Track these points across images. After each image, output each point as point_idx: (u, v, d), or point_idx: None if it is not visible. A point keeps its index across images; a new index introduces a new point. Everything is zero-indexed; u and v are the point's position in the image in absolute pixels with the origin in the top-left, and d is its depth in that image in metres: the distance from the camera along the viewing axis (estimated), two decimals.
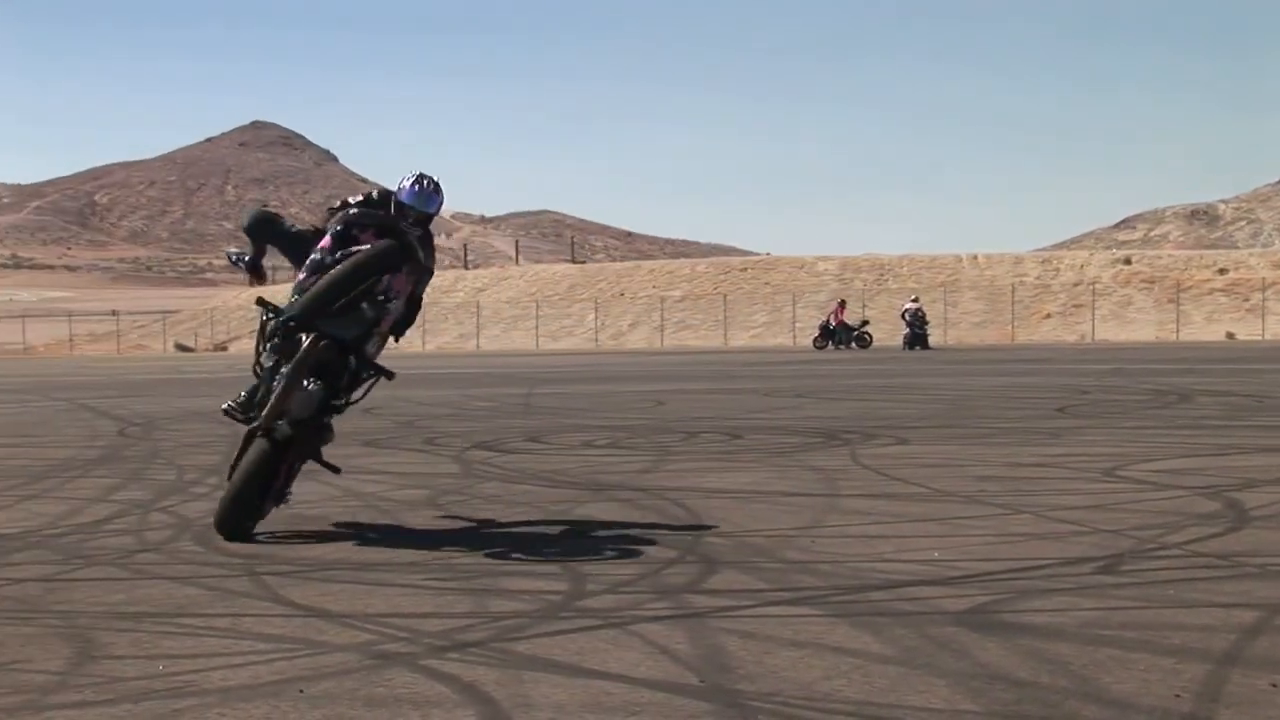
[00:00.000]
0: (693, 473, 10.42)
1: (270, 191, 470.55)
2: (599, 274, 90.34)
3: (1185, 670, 4.41)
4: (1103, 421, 14.80)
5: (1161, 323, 65.49)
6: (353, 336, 7.64)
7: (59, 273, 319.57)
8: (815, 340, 56.13)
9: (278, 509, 7.76)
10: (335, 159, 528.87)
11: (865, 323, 56.71)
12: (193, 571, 6.58)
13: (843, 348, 53.06)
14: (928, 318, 55.74)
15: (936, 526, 7.53)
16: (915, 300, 55.65)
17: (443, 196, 7.96)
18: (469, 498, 9.29)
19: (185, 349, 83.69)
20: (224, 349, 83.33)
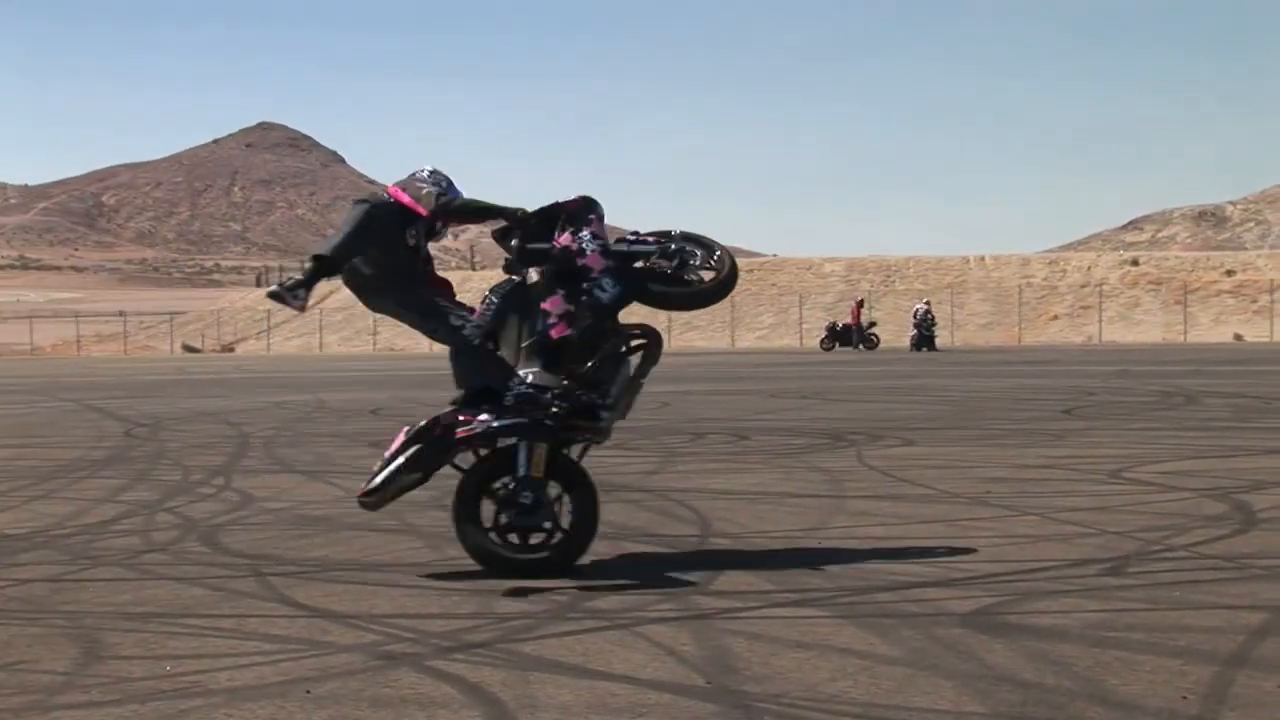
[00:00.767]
0: (699, 474, 10.42)
1: (277, 193, 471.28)
2: None
3: (1192, 672, 4.40)
4: (1109, 423, 14.78)
5: (1169, 324, 65.39)
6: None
7: (66, 274, 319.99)
8: (822, 341, 56.08)
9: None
10: (342, 160, 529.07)
11: (872, 324, 56.68)
12: (199, 572, 6.58)
13: (860, 348, 52.82)
14: (935, 319, 55.72)
15: (943, 528, 7.52)
16: (926, 302, 55.62)
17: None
18: None
19: (192, 350, 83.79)
20: (231, 350, 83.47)
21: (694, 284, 6.84)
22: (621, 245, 6.86)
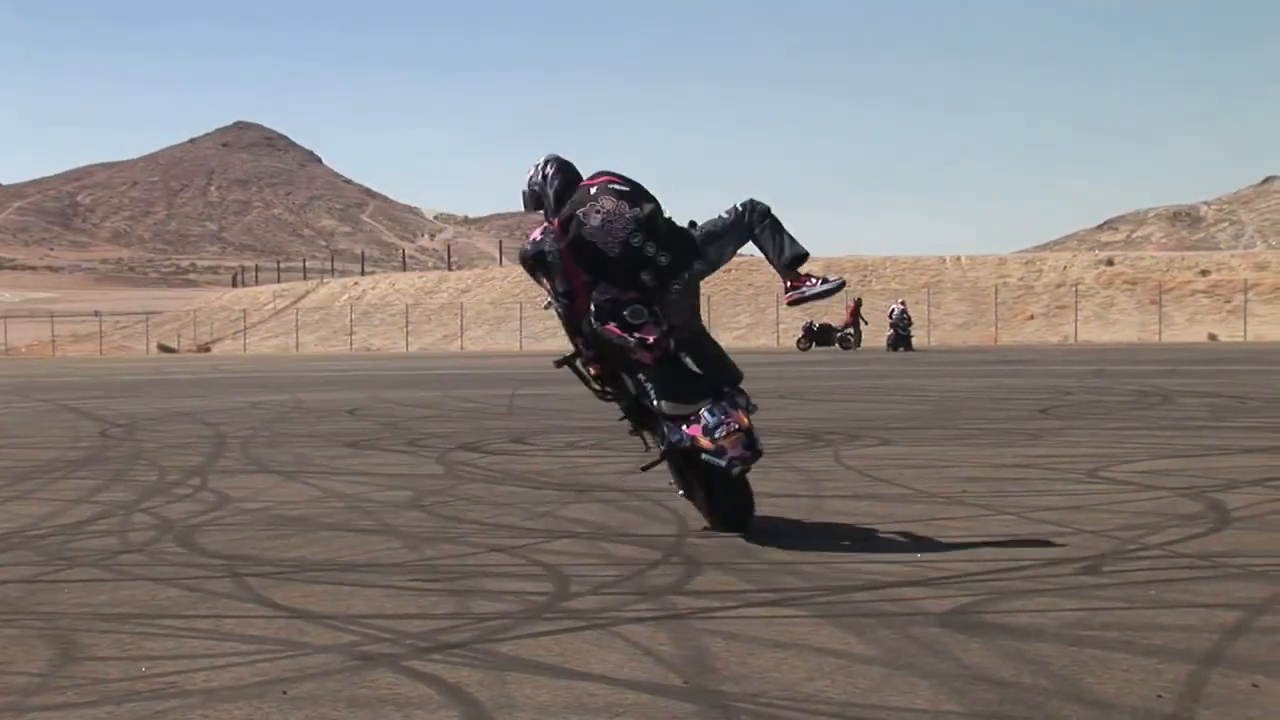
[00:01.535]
0: None
1: (254, 192, 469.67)
2: None
3: (1167, 670, 4.42)
4: (1085, 422, 14.84)
5: (1144, 324, 65.73)
6: None
7: (41, 273, 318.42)
8: (799, 341, 56.15)
9: None
10: (319, 160, 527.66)
11: (848, 324, 56.77)
12: (175, 573, 6.56)
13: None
14: (912, 319, 55.84)
15: (920, 527, 7.53)
16: (901, 303, 55.73)
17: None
18: (452, 499, 9.28)
19: (168, 350, 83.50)
20: (207, 350, 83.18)
21: None
22: None
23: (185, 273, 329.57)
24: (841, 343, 54.60)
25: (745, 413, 7.05)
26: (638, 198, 7.04)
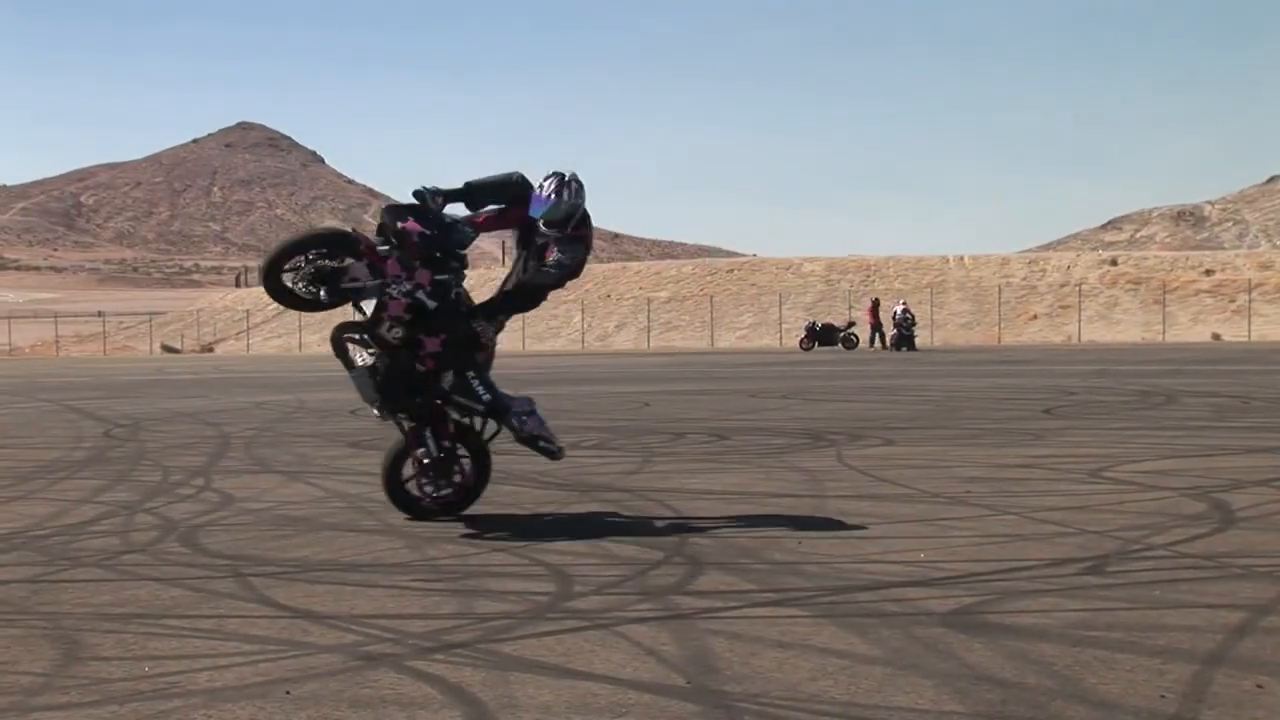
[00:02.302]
0: (679, 474, 10.42)
1: (257, 193, 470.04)
2: (585, 275, 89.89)
3: (1171, 671, 4.42)
4: (1089, 423, 14.83)
5: (1148, 324, 65.67)
6: None
7: (45, 274, 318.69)
8: (802, 341, 56.17)
9: None
10: (322, 160, 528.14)
11: (851, 324, 56.79)
12: (179, 573, 6.56)
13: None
14: (915, 319, 55.82)
15: (922, 527, 7.53)
16: (904, 303, 55.70)
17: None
18: None
19: (171, 350, 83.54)
20: (210, 350, 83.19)
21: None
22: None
23: (188, 273, 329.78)
24: (844, 343, 54.61)
25: None
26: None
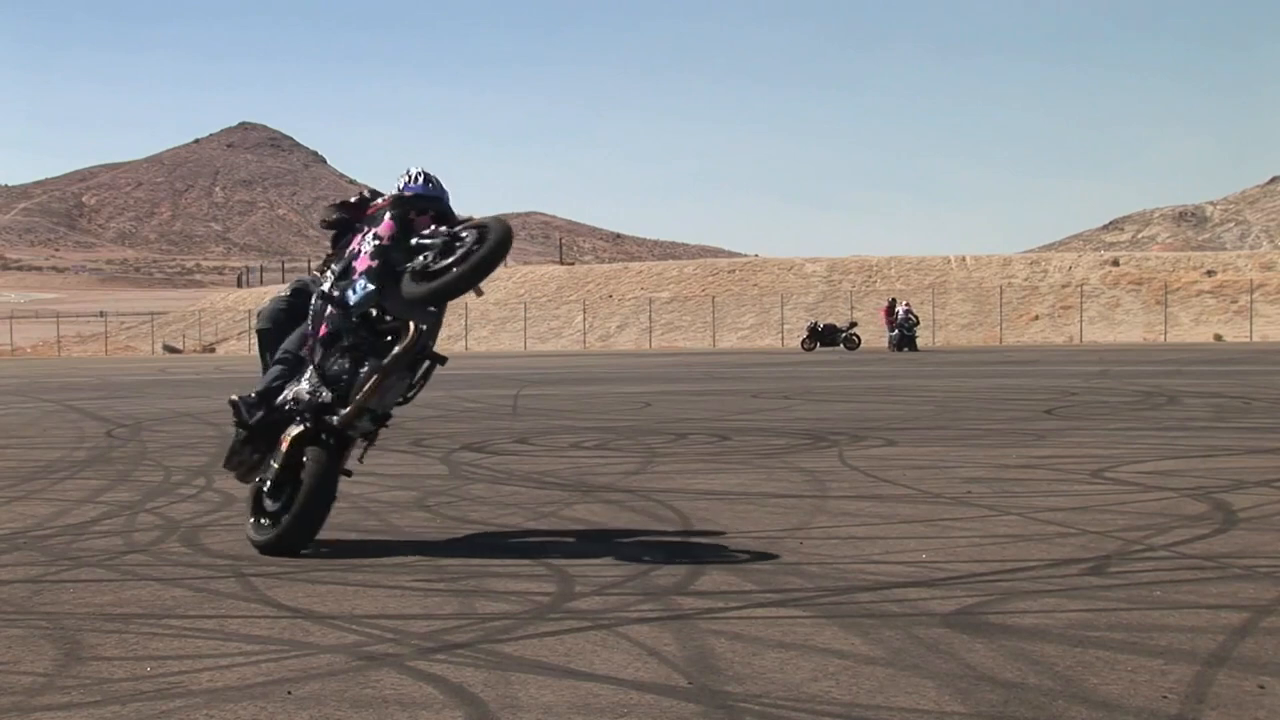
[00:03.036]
0: (681, 474, 10.42)
1: (259, 193, 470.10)
2: (587, 275, 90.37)
3: (1172, 671, 4.42)
4: (1090, 423, 14.82)
5: (1149, 324, 65.68)
6: (432, 325, 7.10)
7: (47, 274, 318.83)
8: (803, 342, 56.19)
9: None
10: (323, 160, 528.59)
11: (853, 324, 56.79)
12: (180, 573, 6.56)
13: (905, 350, 52.33)
14: (918, 319, 55.81)
15: (924, 528, 7.53)
16: (905, 303, 55.67)
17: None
18: (457, 499, 9.29)
19: (173, 350, 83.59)
20: (212, 350, 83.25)
21: (439, 276, 6.73)
22: (421, 239, 6.93)
23: (190, 273, 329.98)
24: (846, 343, 54.62)
25: None
26: None
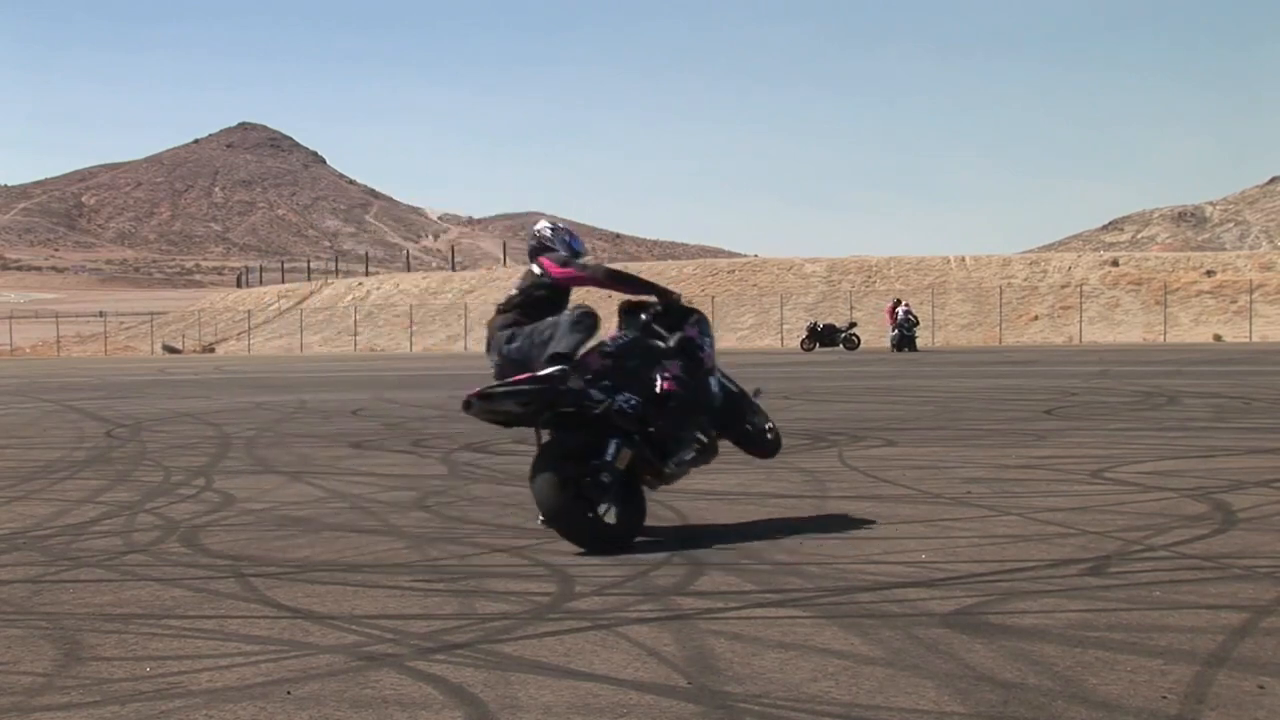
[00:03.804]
0: None
1: (258, 193, 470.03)
2: None
3: (1172, 671, 4.42)
4: (1090, 423, 14.82)
5: (1149, 324, 65.66)
6: None
7: (46, 274, 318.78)
8: (803, 342, 56.16)
9: None
10: (323, 160, 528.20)
11: (853, 324, 56.76)
12: (180, 573, 6.57)
13: (905, 350, 52.29)
14: (917, 319, 55.77)
15: (924, 528, 7.53)
16: (905, 303, 55.64)
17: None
18: (456, 499, 9.29)
19: (173, 350, 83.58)
20: (211, 350, 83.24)
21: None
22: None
23: (190, 273, 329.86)
24: (846, 343, 54.60)
25: None
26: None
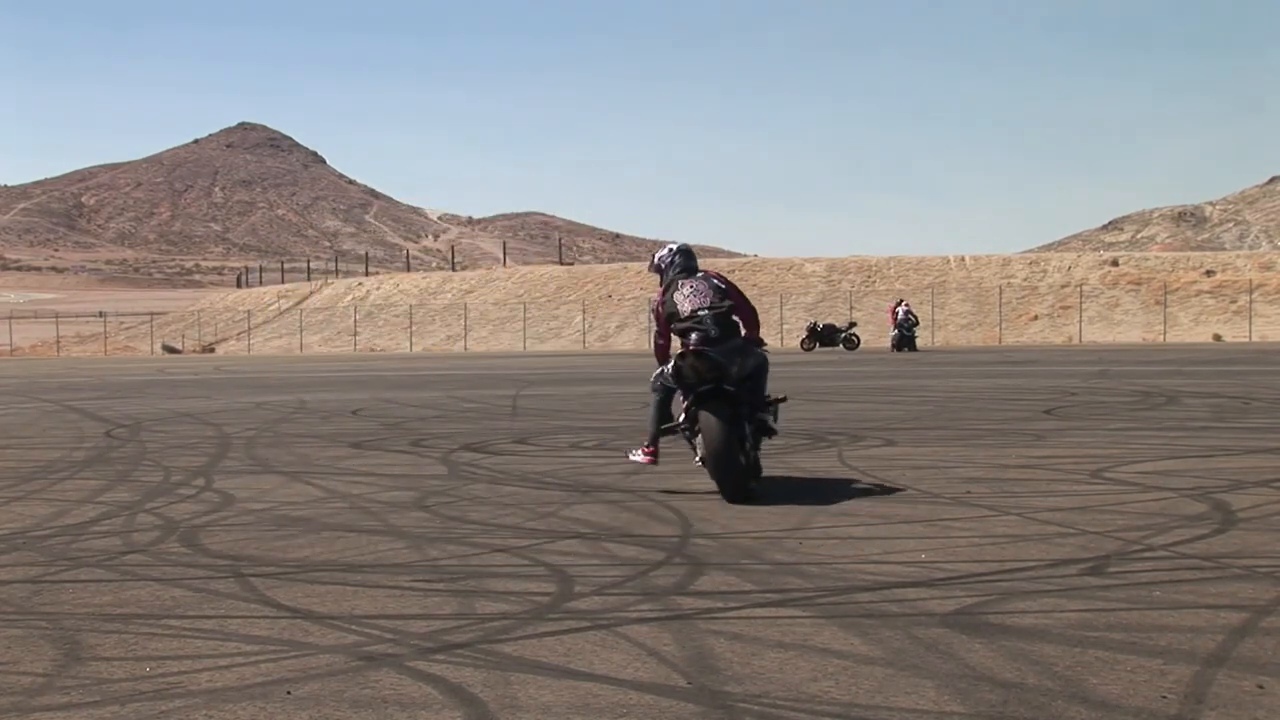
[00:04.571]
0: (680, 475, 10.42)
1: (258, 193, 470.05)
2: (586, 275, 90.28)
3: (1171, 671, 4.42)
4: (1090, 423, 14.82)
5: (1149, 324, 65.66)
6: None
7: (46, 274, 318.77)
8: (803, 342, 56.15)
9: None
10: (323, 160, 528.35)
11: (853, 324, 56.75)
12: (180, 573, 6.57)
13: (905, 350, 52.26)
14: (917, 319, 55.74)
15: (923, 528, 7.53)
16: (905, 304, 55.61)
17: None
18: (456, 499, 9.29)
19: (172, 350, 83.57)
20: (211, 350, 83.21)
21: None
22: None
23: (189, 273, 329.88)
24: (845, 343, 54.59)
25: None
26: (723, 295, 9.57)
